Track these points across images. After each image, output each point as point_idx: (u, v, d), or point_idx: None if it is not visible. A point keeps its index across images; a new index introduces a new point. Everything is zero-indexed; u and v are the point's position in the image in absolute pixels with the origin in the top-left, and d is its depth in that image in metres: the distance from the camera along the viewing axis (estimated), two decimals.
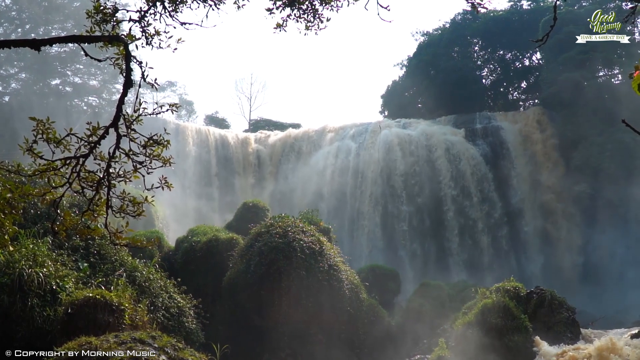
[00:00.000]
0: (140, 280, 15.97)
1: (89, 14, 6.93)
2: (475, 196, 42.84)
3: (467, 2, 6.19)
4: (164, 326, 14.94)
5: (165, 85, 69.84)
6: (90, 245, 16.32)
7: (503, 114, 48.74)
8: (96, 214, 6.84)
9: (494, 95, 59.47)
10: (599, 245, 38.89)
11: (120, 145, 6.52)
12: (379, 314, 22.76)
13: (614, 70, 45.61)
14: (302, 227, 21.56)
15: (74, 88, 50.16)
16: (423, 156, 44.13)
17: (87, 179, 6.53)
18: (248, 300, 19.71)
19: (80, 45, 6.99)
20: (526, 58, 57.94)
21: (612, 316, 31.53)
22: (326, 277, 20.35)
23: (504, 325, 17.58)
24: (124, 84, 6.75)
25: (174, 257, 24.35)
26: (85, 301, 12.02)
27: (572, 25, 44.21)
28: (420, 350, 20.22)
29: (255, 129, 62.53)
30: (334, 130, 49.25)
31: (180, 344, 10.12)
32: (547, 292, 20.09)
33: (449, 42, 58.74)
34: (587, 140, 41.66)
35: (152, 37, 7.22)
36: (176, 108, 6.94)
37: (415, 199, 42.76)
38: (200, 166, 46.03)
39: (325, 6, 8.06)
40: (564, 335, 18.41)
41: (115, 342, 9.37)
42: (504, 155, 44.73)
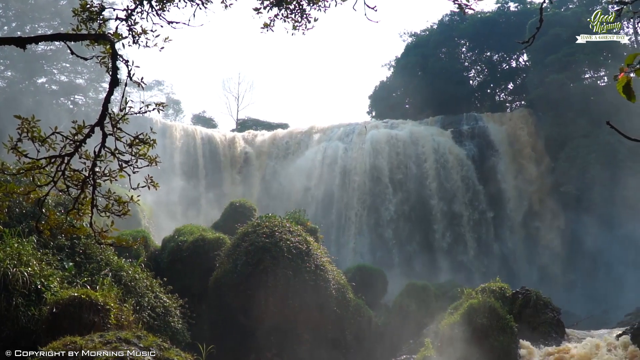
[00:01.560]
0: (126, 279, 15.90)
1: (76, 12, 6.89)
2: (462, 197, 43.01)
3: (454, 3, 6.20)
4: (149, 326, 14.88)
5: (153, 84, 69.58)
6: (75, 244, 16.22)
7: (490, 115, 48.93)
8: (81, 213, 6.82)
9: (481, 96, 59.69)
10: (584, 245, 39.17)
11: (106, 144, 6.49)
12: (366, 314, 22.81)
13: (599, 72, 45.90)
14: (289, 227, 21.56)
15: (60, 86, 49.73)
16: (410, 157, 44.23)
17: (72, 178, 6.49)
18: (234, 300, 19.66)
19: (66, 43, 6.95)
20: (513, 59, 58.19)
21: (597, 316, 31.78)
22: (313, 277, 20.35)
23: (490, 325, 17.66)
24: (110, 82, 6.72)
25: (160, 257, 24.26)
26: (70, 301, 11.95)
27: (559, 27, 44.48)
28: (407, 350, 20.29)
29: (243, 128, 62.41)
30: (322, 130, 49.24)
31: (166, 344, 10.09)
32: (533, 292, 20.26)
33: (436, 43, 58.87)
34: (573, 142, 41.93)
35: (138, 36, 7.19)
36: (163, 107, 6.92)
37: (402, 200, 42.85)
38: (187, 166, 45.86)
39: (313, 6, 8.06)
40: (548, 336, 18.57)
41: (101, 341, 9.33)
42: (490, 156, 44.93)
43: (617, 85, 3.89)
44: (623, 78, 3.86)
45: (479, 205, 42.98)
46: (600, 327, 23.35)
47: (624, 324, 23.56)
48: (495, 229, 42.72)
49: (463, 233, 42.16)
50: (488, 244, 42.17)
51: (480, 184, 43.35)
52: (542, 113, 45.66)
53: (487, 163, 44.56)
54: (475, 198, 43.08)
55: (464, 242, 41.90)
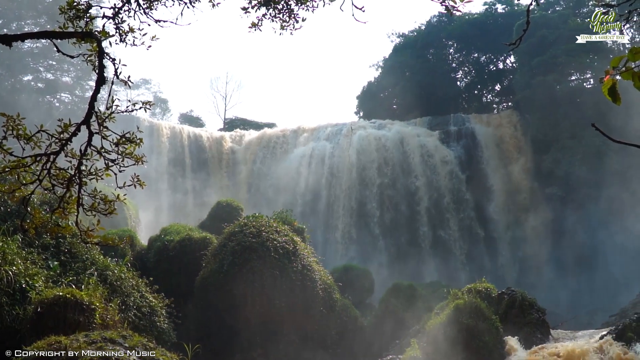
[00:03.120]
0: (112, 279, 15.83)
1: (62, 9, 6.84)
2: (448, 198, 43.18)
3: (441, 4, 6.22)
4: (135, 326, 14.82)
5: (140, 83, 69.28)
6: (60, 243, 16.13)
7: (477, 116, 49.17)
8: (67, 212, 6.77)
9: (468, 97, 59.93)
10: (569, 247, 39.39)
11: (92, 143, 6.46)
12: (352, 314, 22.84)
13: (585, 74, 46.18)
14: (276, 227, 21.56)
15: (46, 84, 49.44)
16: (397, 157, 44.33)
17: (57, 177, 6.45)
18: (221, 299, 19.63)
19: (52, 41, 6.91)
20: (500, 61, 58.46)
21: (582, 317, 31.97)
22: (299, 277, 20.36)
23: (476, 325, 17.72)
24: (96, 81, 6.69)
25: (146, 256, 24.17)
26: (55, 300, 11.89)
27: (545, 29, 44.78)
28: (393, 350, 20.29)
29: (230, 128, 62.27)
30: (309, 130, 49.27)
31: (152, 344, 10.06)
32: (518, 293, 20.36)
33: (424, 44, 59.03)
34: (559, 143, 42.20)
35: (125, 34, 7.15)
36: (149, 106, 6.91)
37: (389, 200, 42.96)
38: (174, 165, 45.71)
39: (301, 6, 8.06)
40: (533, 336, 18.66)
41: (85, 341, 9.29)
42: (477, 157, 45.15)
43: (603, 88, 3.92)
44: (609, 80, 3.88)
45: (465, 206, 43.17)
46: (585, 328, 23.47)
47: (609, 325, 23.71)
48: (481, 229, 42.89)
49: (449, 233, 42.32)
50: (474, 244, 42.33)
51: (466, 185, 43.55)
52: (528, 114, 45.91)
53: (473, 164, 44.76)
54: (461, 199, 43.26)
55: (451, 243, 42.06)
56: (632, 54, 3.74)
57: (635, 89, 3.80)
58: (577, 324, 28.11)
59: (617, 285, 34.08)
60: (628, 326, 17.44)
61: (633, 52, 3.74)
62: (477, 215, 43.13)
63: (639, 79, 3.74)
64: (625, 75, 3.83)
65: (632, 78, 3.78)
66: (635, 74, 3.76)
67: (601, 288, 35.47)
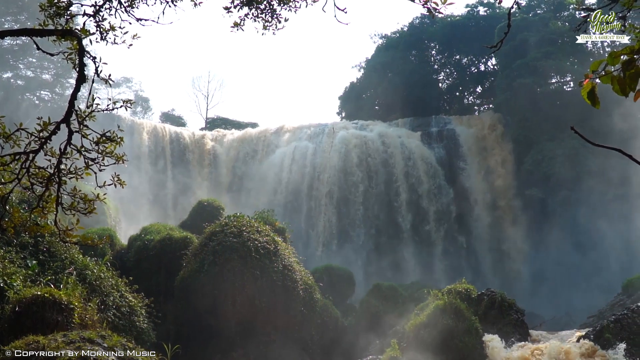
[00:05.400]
0: (91, 278, 15.70)
1: (43, 7, 6.79)
2: (429, 198, 43.35)
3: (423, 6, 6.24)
4: (114, 325, 14.72)
5: (121, 81, 68.75)
6: (39, 242, 15.99)
7: (458, 118, 49.45)
8: (46, 211, 6.72)
9: (449, 99, 60.23)
10: (548, 248, 39.73)
11: (72, 142, 6.41)
12: (333, 315, 22.87)
13: (566, 77, 46.62)
14: (257, 226, 21.52)
15: (26, 82, 48.99)
16: (379, 158, 44.43)
17: (37, 175, 6.41)
18: (201, 299, 19.55)
19: (32, 38, 6.86)
20: (482, 63, 58.85)
21: (560, 318, 32.25)
22: (280, 278, 20.34)
23: (455, 326, 17.85)
24: (76, 79, 6.64)
25: (126, 256, 24.04)
26: (34, 299, 11.78)
27: (527, 32, 45.17)
28: (373, 350, 20.35)
29: (212, 127, 62.06)
30: (291, 130, 49.22)
31: (131, 344, 10.01)
32: (498, 294, 20.52)
33: (406, 46, 59.23)
34: (538, 145, 42.55)
35: (106, 32, 7.11)
36: (130, 104, 6.87)
37: (370, 201, 43.06)
38: (155, 164, 45.45)
39: (283, 6, 8.05)
40: (512, 337, 18.82)
41: (64, 341, 9.22)
42: (458, 158, 45.42)
43: (582, 92, 3.95)
44: (588, 84, 3.92)
45: (446, 207, 43.37)
46: (563, 329, 23.68)
47: (586, 326, 23.95)
48: (461, 230, 43.13)
49: (430, 234, 42.51)
50: (454, 245, 42.55)
51: (448, 186, 43.77)
52: (509, 117, 46.26)
53: (454, 165, 45.02)
54: (442, 200, 43.47)
55: (431, 244, 42.25)
56: (612, 58, 3.78)
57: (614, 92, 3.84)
58: (556, 325, 28.38)
59: (596, 286, 34.40)
60: (606, 327, 17.66)
61: (612, 56, 3.78)
62: (458, 217, 43.36)
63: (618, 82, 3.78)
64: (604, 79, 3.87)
65: (611, 82, 3.82)
66: (614, 78, 3.80)
67: (579, 289, 35.79)
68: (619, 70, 3.77)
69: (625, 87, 3.75)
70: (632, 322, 17.63)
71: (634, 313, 18.02)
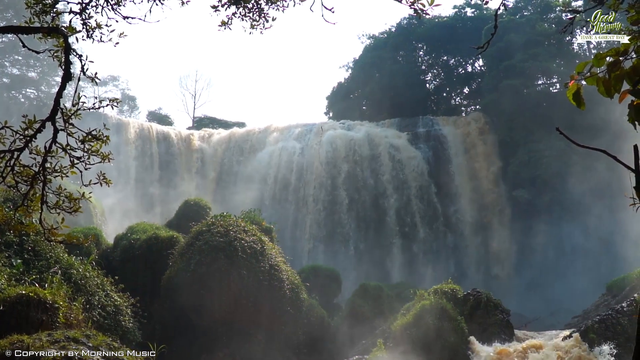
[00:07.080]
0: (76, 277, 15.64)
1: (29, 4, 6.76)
2: (416, 199, 43.43)
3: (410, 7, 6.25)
4: (99, 325, 14.67)
5: (108, 80, 68.39)
6: (24, 241, 15.90)
7: (445, 119, 49.54)
8: (31, 210, 6.68)
9: (437, 99, 60.31)
10: (534, 249, 39.97)
11: (57, 140, 6.37)
12: (319, 315, 22.89)
13: (552, 79, 46.91)
14: (243, 226, 21.51)
15: (11, 79, 48.72)
16: (366, 158, 44.48)
17: (21, 174, 6.36)
18: (187, 299, 19.51)
19: (18, 36, 6.82)
20: (469, 64, 58.98)
21: (545, 318, 32.40)
22: (267, 277, 20.35)
23: (441, 326, 17.93)
24: (62, 77, 6.60)
25: (112, 255, 23.93)
26: (18, 298, 11.72)
27: (514, 33, 45.36)
28: (359, 350, 20.38)
29: (199, 126, 61.79)
30: (279, 130, 49.16)
31: (116, 343, 9.98)
32: (484, 294, 20.61)
33: (394, 46, 59.27)
34: (525, 146, 42.77)
35: (93, 30, 7.07)
36: (117, 103, 6.84)
37: (357, 201, 43.09)
38: (142, 163, 45.24)
39: (271, 5, 8.04)
40: (498, 337, 18.92)
41: (48, 340, 9.17)
42: (445, 158, 45.50)
43: (568, 93, 3.98)
44: (573, 85, 3.95)
45: (433, 208, 43.46)
46: (548, 329, 23.82)
47: (571, 326, 24.11)
48: (448, 231, 43.25)
49: (417, 235, 42.57)
50: (441, 245, 42.67)
51: (434, 187, 43.85)
52: (496, 118, 46.44)
53: (441, 166, 45.10)
54: (429, 200, 43.55)
55: (417, 244, 42.32)
56: (597, 59, 3.81)
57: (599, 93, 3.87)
58: (541, 325, 28.51)
59: (581, 286, 34.61)
60: (590, 327, 17.81)
61: (598, 58, 3.81)
62: (444, 217, 43.45)
63: (604, 84, 3.81)
64: (589, 80, 3.90)
65: (596, 83, 3.85)
66: (600, 79, 3.83)
67: (565, 289, 36.00)
68: (604, 71, 3.80)
69: (611, 88, 3.78)
70: (616, 323, 17.79)
71: (618, 313, 18.17)
